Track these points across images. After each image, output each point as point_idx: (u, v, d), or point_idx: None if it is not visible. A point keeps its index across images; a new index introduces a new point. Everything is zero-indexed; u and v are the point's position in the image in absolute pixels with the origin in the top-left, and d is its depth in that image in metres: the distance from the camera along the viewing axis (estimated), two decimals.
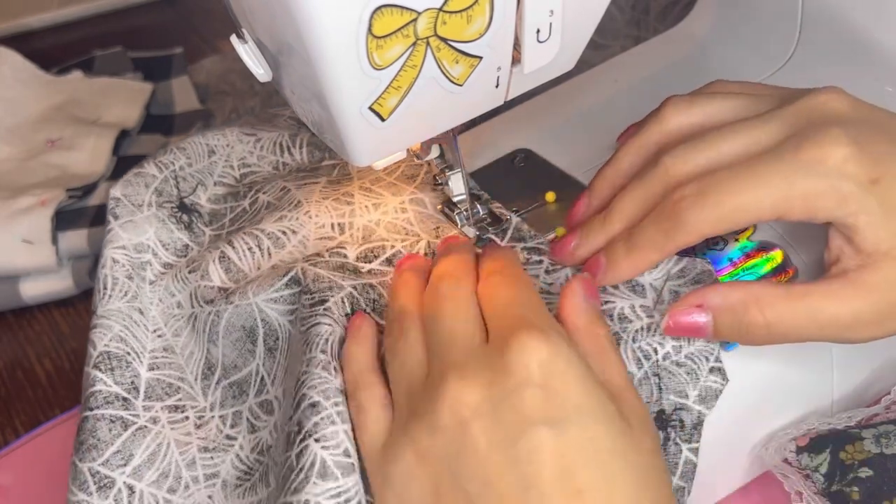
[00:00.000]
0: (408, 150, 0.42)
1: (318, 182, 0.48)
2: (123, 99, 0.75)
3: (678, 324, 0.36)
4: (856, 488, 0.38)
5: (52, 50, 0.87)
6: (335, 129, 0.35)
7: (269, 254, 0.45)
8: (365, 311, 0.40)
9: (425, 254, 0.43)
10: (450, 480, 0.31)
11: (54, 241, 0.60)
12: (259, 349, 0.42)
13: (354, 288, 0.41)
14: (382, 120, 0.35)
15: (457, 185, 0.44)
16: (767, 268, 0.40)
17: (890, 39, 0.46)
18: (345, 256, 0.43)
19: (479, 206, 0.45)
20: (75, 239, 0.61)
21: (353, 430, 0.36)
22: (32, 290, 0.61)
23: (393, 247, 0.43)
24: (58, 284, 0.61)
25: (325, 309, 0.39)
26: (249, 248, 0.45)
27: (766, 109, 0.37)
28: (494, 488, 0.30)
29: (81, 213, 0.62)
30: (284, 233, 0.45)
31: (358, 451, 0.36)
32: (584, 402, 0.31)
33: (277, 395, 0.42)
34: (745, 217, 0.35)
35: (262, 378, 0.42)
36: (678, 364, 0.37)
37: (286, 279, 0.41)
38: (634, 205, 0.38)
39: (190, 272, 0.45)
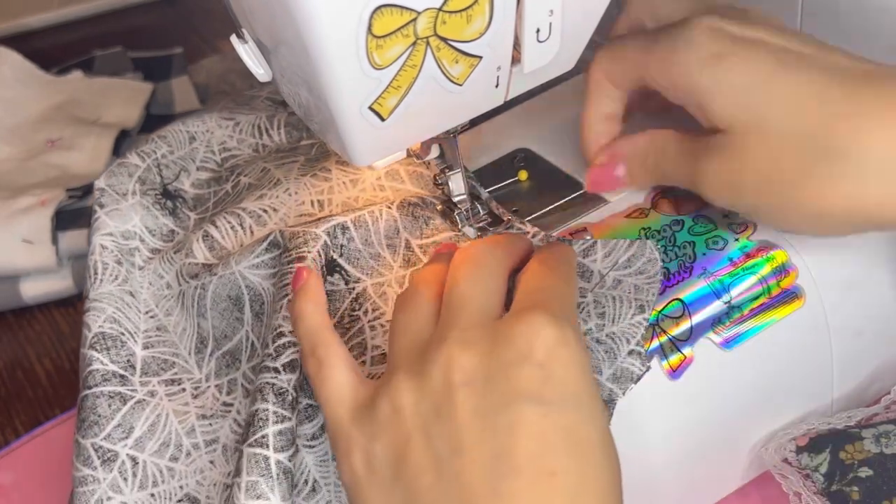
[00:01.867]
0: (408, 150, 0.43)
1: (296, 161, 0.49)
2: (123, 99, 0.75)
3: (596, 179, 0.42)
4: (856, 488, 0.38)
5: (52, 50, 0.87)
6: (335, 129, 0.35)
7: (252, 231, 0.46)
8: (333, 259, 0.41)
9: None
10: (422, 440, 0.31)
11: (54, 240, 0.60)
12: (246, 316, 0.43)
13: (328, 233, 0.41)
14: (382, 120, 0.34)
15: (457, 185, 0.44)
16: (768, 268, 0.40)
17: (890, 39, 0.46)
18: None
19: (479, 205, 0.45)
20: (75, 239, 0.61)
21: (315, 387, 0.35)
22: (32, 290, 0.61)
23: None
24: (58, 284, 0.61)
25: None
26: (232, 227, 0.46)
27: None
28: (466, 454, 0.30)
29: (81, 212, 0.62)
30: (266, 211, 0.46)
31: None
32: (579, 391, 0.31)
33: None
34: (622, 68, 0.41)
35: (253, 343, 0.43)
36: (598, 341, 0.37)
37: (266, 244, 0.42)
38: None
39: (175, 252, 0.47)
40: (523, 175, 0.47)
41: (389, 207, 0.43)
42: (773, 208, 0.36)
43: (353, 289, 0.42)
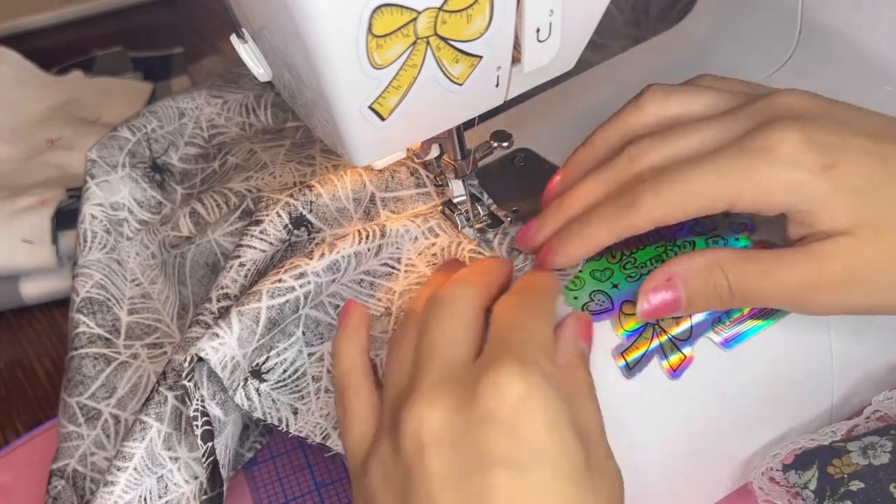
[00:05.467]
0: (408, 149, 0.43)
1: (282, 145, 0.52)
2: (123, 99, 0.75)
3: (653, 305, 0.37)
4: (849, 502, 0.37)
5: (52, 50, 0.87)
6: (335, 129, 0.35)
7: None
8: (302, 214, 0.43)
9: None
10: (402, 502, 0.31)
11: (54, 240, 0.60)
12: None
13: (291, 195, 0.43)
14: (382, 119, 0.34)
15: (457, 187, 0.44)
16: None
17: (889, 39, 0.46)
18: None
19: (479, 207, 0.45)
20: (75, 239, 0.61)
21: (340, 431, 0.36)
22: (32, 289, 0.61)
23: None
24: (58, 284, 0.61)
25: (260, 231, 0.42)
26: (217, 205, 0.48)
27: (737, 106, 0.38)
28: None
29: None
30: (251, 191, 0.48)
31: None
32: (549, 448, 0.30)
33: None
34: (695, 203, 0.35)
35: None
36: None
37: (238, 212, 0.44)
38: (593, 191, 0.38)
39: (161, 225, 0.49)
40: None
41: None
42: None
43: (314, 238, 0.43)
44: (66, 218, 0.61)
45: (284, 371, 0.39)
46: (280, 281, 0.39)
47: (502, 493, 0.29)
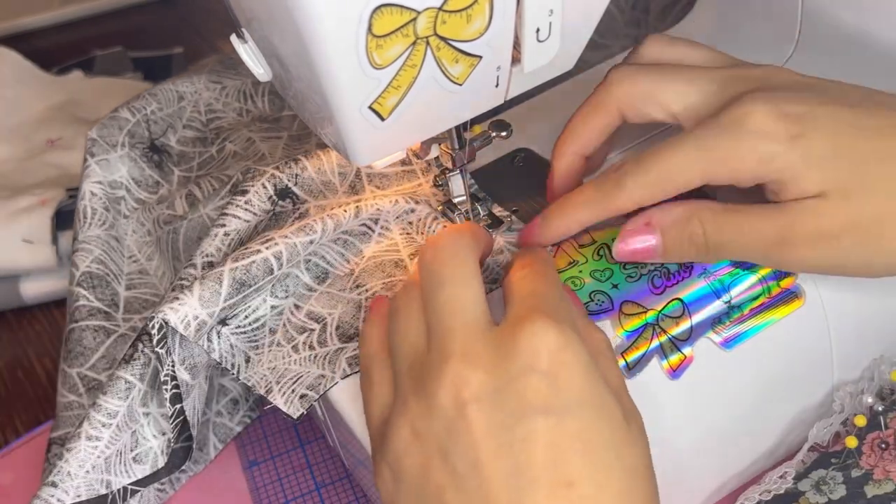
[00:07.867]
0: (408, 149, 0.43)
1: (280, 137, 0.53)
2: (123, 99, 0.75)
3: (630, 247, 0.38)
4: None
5: (52, 50, 0.87)
6: (335, 129, 0.35)
7: None
8: (287, 186, 0.44)
9: None
10: (440, 457, 0.31)
11: (54, 240, 0.60)
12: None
13: (277, 168, 0.44)
14: (382, 119, 0.34)
15: (457, 186, 0.44)
16: (767, 269, 0.40)
17: (890, 39, 0.46)
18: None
19: (479, 206, 0.45)
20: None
21: (364, 404, 0.36)
22: (32, 289, 0.61)
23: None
24: (58, 284, 0.61)
25: (245, 202, 0.43)
26: (214, 189, 0.49)
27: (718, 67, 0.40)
28: (483, 470, 0.30)
29: None
30: None
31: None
32: (586, 395, 0.31)
33: None
34: (673, 179, 0.36)
35: None
36: None
37: (229, 186, 0.45)
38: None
39: (157, 203, 0.50)
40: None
41: None
42: (865, 257, 0.36)
43: (298, 209, 0.44)
44: (66, 218, 0.61)
45: (246, 317, 0.41)
46: (246, 248, 0.40)
47: (543, 440, 0.30)
